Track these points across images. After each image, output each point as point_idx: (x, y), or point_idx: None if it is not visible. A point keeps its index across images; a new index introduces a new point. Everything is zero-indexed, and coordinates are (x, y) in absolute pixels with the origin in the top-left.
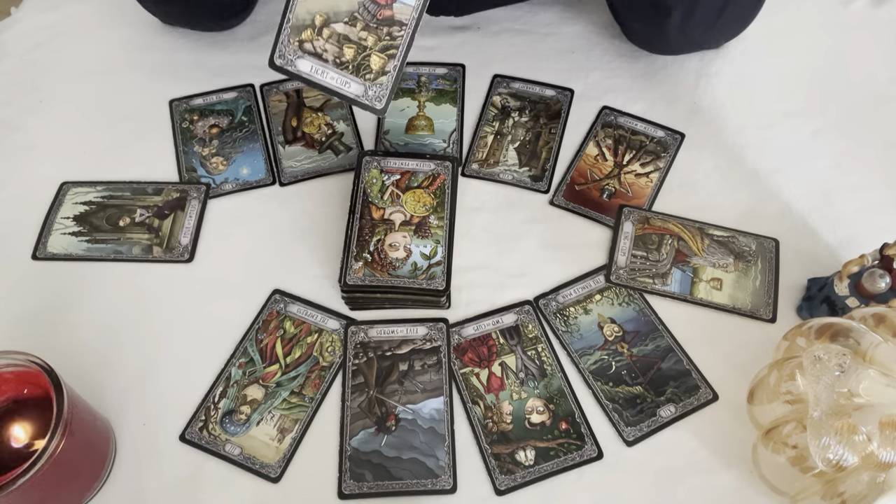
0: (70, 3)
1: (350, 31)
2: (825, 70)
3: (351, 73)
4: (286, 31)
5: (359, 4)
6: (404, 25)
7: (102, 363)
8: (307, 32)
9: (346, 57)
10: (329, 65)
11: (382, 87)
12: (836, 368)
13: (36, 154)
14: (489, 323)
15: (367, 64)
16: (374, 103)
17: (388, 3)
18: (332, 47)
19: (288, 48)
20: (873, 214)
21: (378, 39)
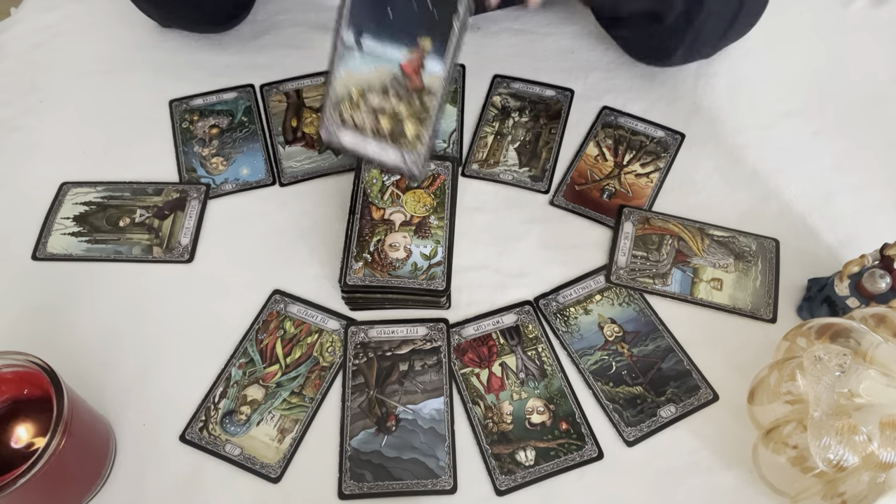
0: (70, 3)
1: (385, 103)
2: (825, 70)
3: (388, 142)
4: (328, 106)
5: (390, 78)
6: (434, 94)
7: (102, 363)
8: (346, 105)
9: (382, 127)
10: (368, 136)
11: (418, 153)
12: (836, 369)
13: (36, 154)
14: (489, 323)
15: (402, 132)
16: (412, 168)
17: (417, 74)
18: (370, 118)
19: (332, 123)
20: (873, 214)
21: (411, 109)
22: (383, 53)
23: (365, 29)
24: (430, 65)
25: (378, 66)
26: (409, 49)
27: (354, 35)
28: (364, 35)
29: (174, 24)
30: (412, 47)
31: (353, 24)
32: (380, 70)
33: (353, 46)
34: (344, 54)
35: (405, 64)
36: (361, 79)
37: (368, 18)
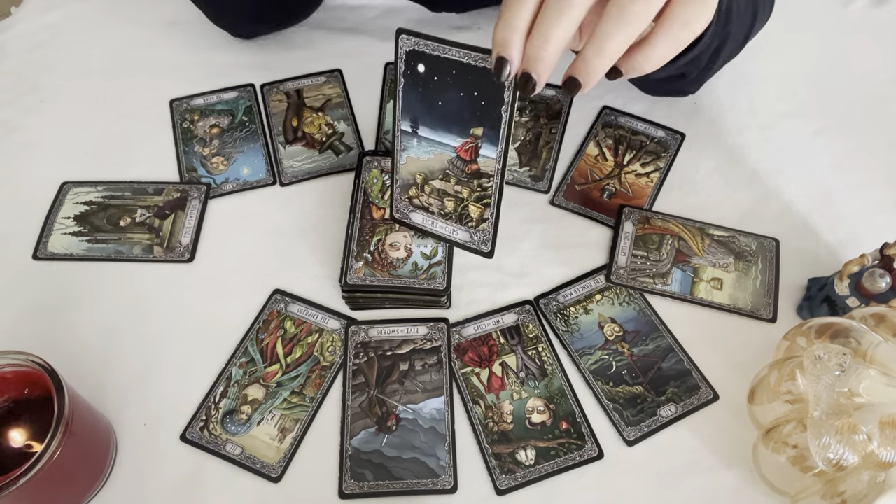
0: (70, 3)
1: (447, 186)
2: (825, 70)
3: (455, 223)
4: (397, 190)
5: (449, 163)
6: (491, 176)
7: (103, 363)
8: (413, 190)
9: (448, 209)
10: (436, 216)
11: (485, 232)
12: (836, 368)
13: (36, 154)
14: (490, 323)
15: (467, 213)
16: (482, 247)
17: (472, 159)
18: (435, 201)
19: (401, 203)
20: (873, 214)
21: (471, 191)
22: (438, 140)
23: (419, 118)
24: (484, 150)
25: (436, 152)
26: (462, 136)
27: (410, 124)
28: (419, 124)
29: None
30: (465, 135)
31: (408, 114)
32: (438, 155)
33: (411, 134)
34: (403, 141)
35: (460, 149)
36: (422, 164)
37: (421, 109)
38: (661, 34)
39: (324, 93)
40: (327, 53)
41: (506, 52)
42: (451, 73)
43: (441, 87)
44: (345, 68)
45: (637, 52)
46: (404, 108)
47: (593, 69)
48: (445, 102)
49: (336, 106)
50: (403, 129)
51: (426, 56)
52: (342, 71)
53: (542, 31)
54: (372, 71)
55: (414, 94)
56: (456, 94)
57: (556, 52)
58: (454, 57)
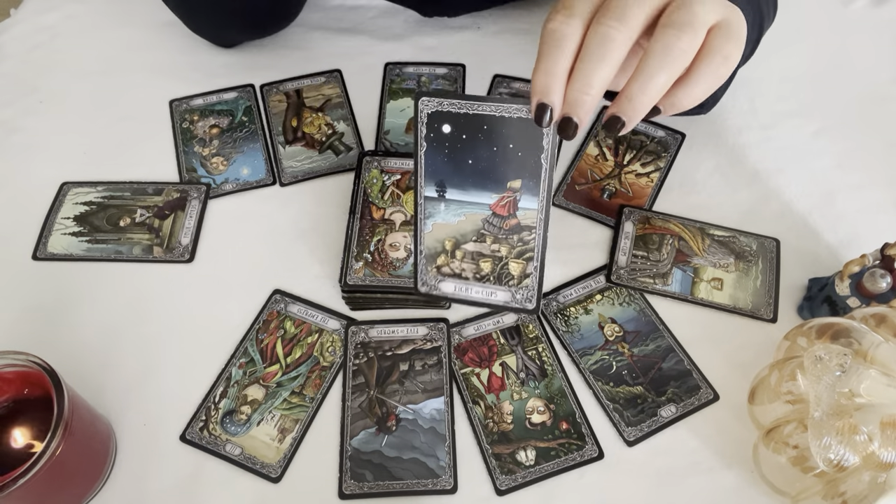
0: (69, 4)
1: (482, 248)
2: (826, 70)
3: (494, 284)
4: (422, 261)
5: (483, 222)
6: (533, 228)
7: (103, 363)
8: (441, 258)
9: (484, 271)
10: (471, 281)
11: (529, 288)
12: (837, 368)
13: (36, 154)
14: (490, 323)
15: (507, 272)
16: (525, 305)
17: (511, 213)
18: (469, 265)
19: (428, 276)
20: (874, 214)
21: (511, 248)
22: (470, 200)
23: (447, 181)
24: (524, 201)
25: (467, 213)
26: (497, 192)
27: (436, 189)
28: (447, 187)
29: (233, 39)
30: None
31: (433, 179)
32: (470, 217)
33: (437, 199)
34: (428, 208)
35: (496, 206)
36: (451, 229)
37: (448, 171)
38: (702, 70)
39: (323, 93)
40: (327, 53)
41: (547, 99)
42: (483, 128)
43: (471, 144)
44: (344, 68)
45: (679, 89)
46: (428, 172)
47: (638, 107)
48: (477, 160)
49: (336, 106)
50: (428, 195)
51: (451, 115)
52: (342, 71)
53: (585, 75)
54: (371, 71)
55: (439, 157)
56: (488, 149)
57: (598, 96)
58: (485, 112)
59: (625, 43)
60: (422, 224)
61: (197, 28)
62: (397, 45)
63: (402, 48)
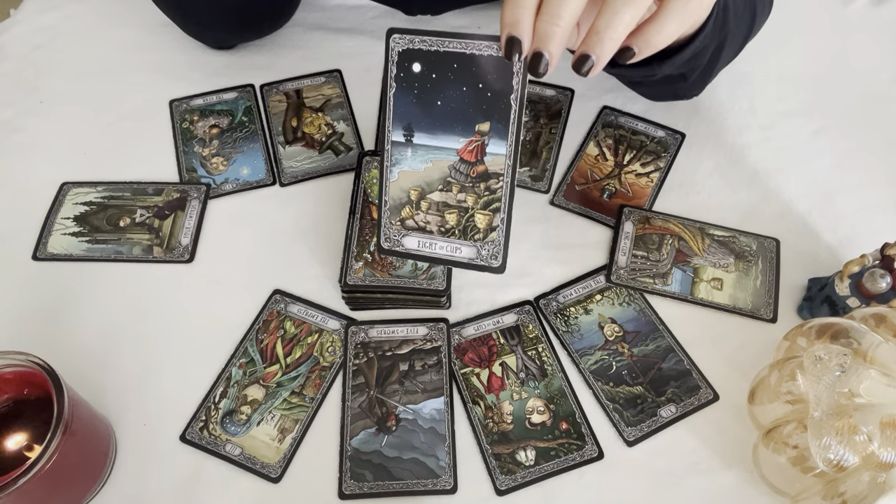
0: (69, 4)
1: (447, 197)
2: (825, 70)
3: (459, 238)
4: (386, 213)
5: (450, 169)
6: (500, 175)
7: (103, 363)
8: (406, 210)
9: (450, 223)
10: (435, 236)
11: (495, 243)
12: (836, 368)
13: (36, 155)
14: (489, 323)
15: (472, 225)
16: (491, 262)
17: (478, 159)
18: (434, 217)
19: (391, 230)
20: (874, 214)
21: (478, 197)
22: (438, 144)
23: (414, 124)
24: (492, 146)
25: (434, 159)
26: (465, 136)
27: (403, 133)
28: (414, 130)
29: (228, 40)
30: (469, 134)
31: (401, 122)
32: (436, 163)
33: (404, 144)
34: (394, 155)
35: (463, 151)
36: (417, 177)
37: (416, 113)
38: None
39: (323, 93)
40: (327, 54)
41: (517, 31)
42: (453, 66)
43: (440, 84)
44: (344, 68)
45: (650, 25)
46: (396, 115)
47: (606, 42)
48: (446, 101)
49: (336, 106)
50: (395, 139)
51: (422, 53)
52: (342, 71)
53: (553, 8)
54: (371, 71)
55: (408, 98)
56: (458, 89)
57: (567, 29)
58: (455, 49)
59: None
60: (388, 172)
61: (190, 31)
62: None
63: None
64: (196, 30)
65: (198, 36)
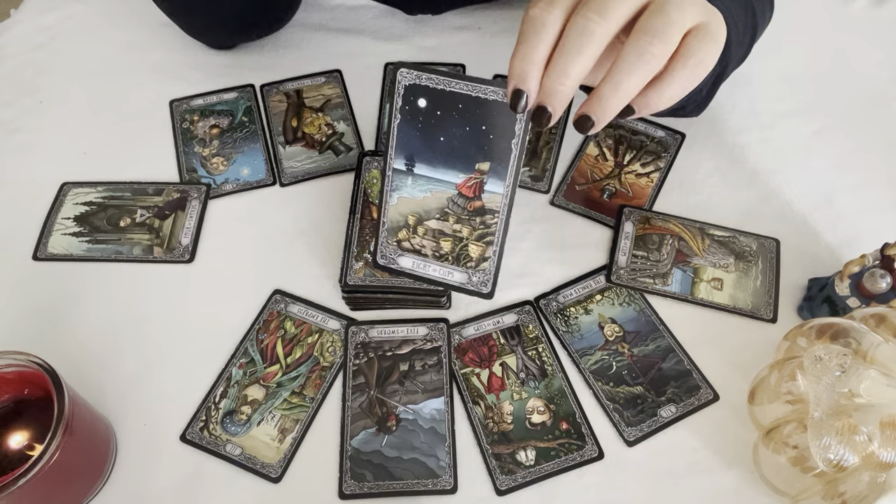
0: (69, 4)
1: (444, 226)
2: (825, 70)
3: (452, 264)
4: (383, 233)
5: (448, 201)
6: (496, 212)
7: (103, 363)
8: (403, 233)
9: (444, 250)
10: (429, 259)
11: (486, 272)
12: (836, 368)
13: (36, 155)
14: (490, 323)
15: (466, 254)
16: (481, 288)
17: (476, 195)
18: (430, 242)
19: (388, 248)
20: (874, 214)
21: (473, 230)
22: (438, 177)
23: (416, 155)
24: (490, 185)
25: (433, 190)
26: (465, 173)
27: (405, 162)
28: (416, 161)
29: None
30: (469, 171)
31: (403, 152)
32: (435, 194)
33: (405, 172)
34: (395, 181)
35: (462, 186)
36: (416, 204)
37: (419, 146)
38: (675, 72)
39: (323, 93)
40: (327, 54)
41: (523, 85)
42: (458, 106)
43: (444, 121)
44: (344, 69)
45: (651, 90)
46: (399, 145)
47: (608, 108)
48: (449, 138)
49: (336, 106)
50: (397, 167)
51: (428, 90)
52: (342, 71)
53: (561, 65)
54: (372, 71)
55: (412, 131)
56: (461, 128)
57: (573, 87)
58: (462, 90)
59: (603, 37)
60: (387, 196)
61: (190, 31)
62: (397, 45)
63: (402, 48)
64: (196, 30)
65: (198, 36)
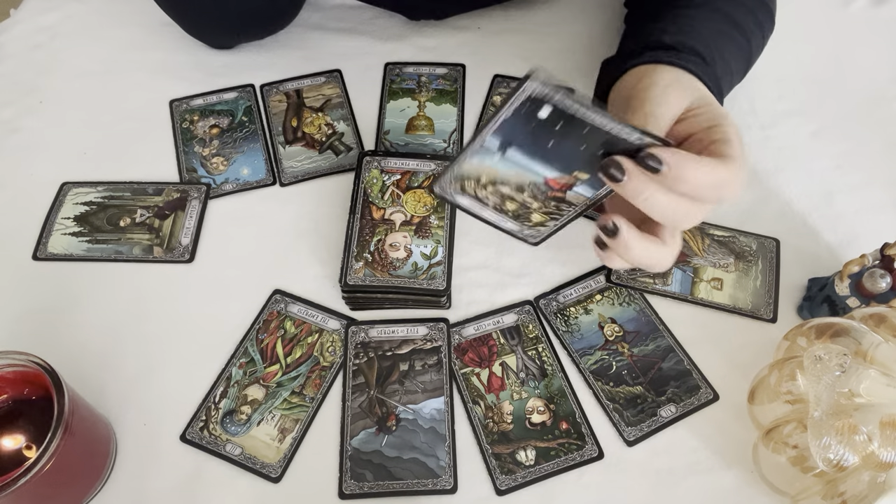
0: (69, 4)
1: (516, 195)
2: (825, 70)
3: (509, 219)
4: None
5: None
6: (574, 205)
7: (103, 363)
8: (470, 183)
9: (506, 207)
10: (488, 208)
11: (539, 231)
12: (836, 368)
13: (36, 154)
14: (490, 323)
15: (526, 216)
16: (528, 238)
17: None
18: (493, 198)
19: (449, 186)
20: (874, 214)
21: (543, 206)
22: (529, 166)
23: (515, 143)
24: (579, 189)
25: (518, 172)
26: (561, 172)
27: (500, 143)
28: (512, 147)
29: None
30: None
31: (503, 134)
32: (521, 174)
33: (495, 151)
34: (481, 151)
35: (553, 180)
36: (495, 172)
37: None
38: None
39: (323, 93)
40: (327, 54)
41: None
42: (583, 131)
43: (562, 134)
44: (344, 68)
45: None
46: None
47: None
48: (558, 146)
49: (336, 106)
50: (487, 145)
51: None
52: (342, 71)
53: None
54: (371, 71)
55: (522, 127)
56: (576, 145)
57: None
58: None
59: None
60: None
61: (191, 31)
62: (397, 45)
63: (403, 48)
64: (197, 30)
65: (198, 36)
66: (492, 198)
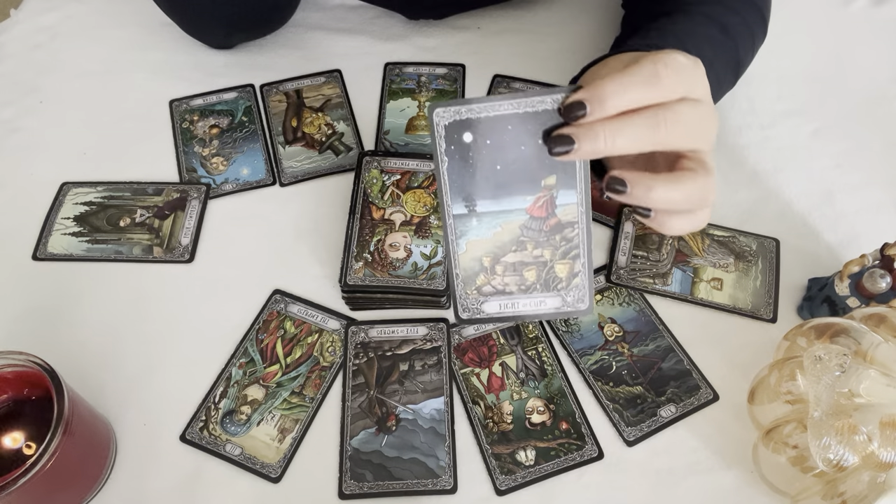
0: (69, 4)
1: (523, 256)
2: (825, 70)
3: (542, 292)
4: (460, 286)
5: (521, 229)
6: (575, 223)
7: (103, 363)
8: (481, 278)
9: (529, 281)
10: (515, 295)
11: (580, 288)
12: (836, 368)
13: (36, 154)
14: (489, 323)
15: (553, 276)
16: (578, 306)
17: (550, 213)
18: (512, 278)
19: (468, 300)
20: (874, 214)
21: (555, 249)
22: (503, 208)
23: (474, 194)
24: (562, 197)
25: (503, 223)
26: (532, 193)
27: (465, 204)
28: (476, 200)
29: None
30: (536, 190)
31: (459, 195)
32: (506, 226)
33: (466, 215)
34: (459, 227)
35: (532, 208)
36: (488, 243)
37: (475, 183)
38: None
39: (323, 93)
40: (327, 54)
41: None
42: (507, 129)
43: (497, 149)
44: (344, 68)
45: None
46: (453, 188)
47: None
48: (506, 164)
49: (336, 106)
50: (457, 213)
51: (471, 122)
52: (342, 71)
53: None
54: (371, 71)
55: (463, 170)
56: (516, 149)
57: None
58: (508, 111)
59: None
60: (454, 245)
61: (190, 30)
62: (397, 45)
63: (402, 48)
64: (196, 30)
65: (198, 36)
66: (510, 279)
